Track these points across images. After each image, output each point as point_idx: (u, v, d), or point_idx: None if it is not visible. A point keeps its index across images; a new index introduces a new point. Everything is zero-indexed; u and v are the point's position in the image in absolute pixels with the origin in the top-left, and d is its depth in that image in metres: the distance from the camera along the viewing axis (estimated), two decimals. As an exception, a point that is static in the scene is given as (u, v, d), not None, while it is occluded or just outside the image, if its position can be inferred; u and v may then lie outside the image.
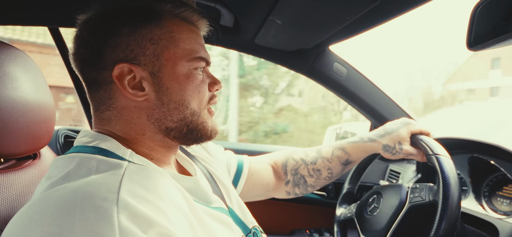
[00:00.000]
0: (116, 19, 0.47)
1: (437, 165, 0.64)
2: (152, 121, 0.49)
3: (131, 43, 0.46)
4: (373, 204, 0.80)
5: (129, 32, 0.46)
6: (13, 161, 0.62)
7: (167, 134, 0.50)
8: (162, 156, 0.52)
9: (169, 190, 0.43)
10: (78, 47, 0.48)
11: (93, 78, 0.48)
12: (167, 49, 0.47)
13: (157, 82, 0.47)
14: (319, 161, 0.82)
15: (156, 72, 0.47)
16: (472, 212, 0.82)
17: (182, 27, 0.50)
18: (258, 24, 0.82)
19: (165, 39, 0.47)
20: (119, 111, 0.48)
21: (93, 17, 0.48)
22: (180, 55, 0.48)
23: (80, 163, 0.42)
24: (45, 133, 0.64)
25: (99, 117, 0.50)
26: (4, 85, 0.53)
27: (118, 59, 0.46)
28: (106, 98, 0.48)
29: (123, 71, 0.46)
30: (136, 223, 0.34)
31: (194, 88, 0.50)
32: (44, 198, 0.37)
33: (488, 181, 0.87)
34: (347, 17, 0.72)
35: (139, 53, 0.46)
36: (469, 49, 0.53)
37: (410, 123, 0.75)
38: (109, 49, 0.46)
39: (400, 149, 0.74)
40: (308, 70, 1.05)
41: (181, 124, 0.50)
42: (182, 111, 0.49)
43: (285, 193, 0.85)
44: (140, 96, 0.47)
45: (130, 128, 0.49)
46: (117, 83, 0.46)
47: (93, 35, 0.46)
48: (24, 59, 0.61)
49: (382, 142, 0.76)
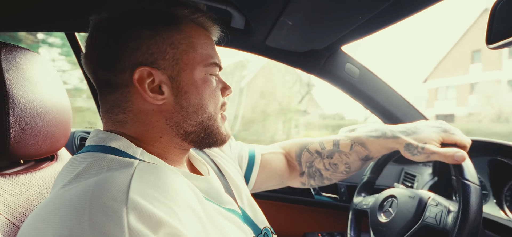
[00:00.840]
0: (136, 22, 0.47)
1: (461, 192, 0.57)
2: (170, 125, 0.49)
3: (151, 46, 0.46)
4: (387, 207, 0.79)
5: (149, 35, 0.46)
6: (32, 162, 0.65)
7: (185, 137, 0.51)
8: (175, 156, 0.53)
9: (180, 189, 0.43)
10: (93, 48, 0.48)
11: (108, 81, 0.48)
12: (186, 54, 0.48)
13: (176, 86, 0.48)
14: (336, 155, 0.77)
15: (175, 76, 0.48)
16: (493, 218, 0.79)
17: (199, 32, 0.51)
18: (269, 26, 0.82)
19: (184, 44, 0.48)
20: (135, 115, 0.48)
21: (111, 19, 0.48)
22: (198, 60, 0.49)
23: (91, 162, 0.42)
24: (62, 134, 0.66)
25: (112, 120, 0.50)
26: (24, 88, 0.55)
27: (138, 63, 0.46)
28: (122, 101, 0.48)
29: (142, 74, 0.46)
30: (146, 223, 0.34)
31: (211, 93, 0.51)
32: (55, 198, 0.38)
33: (510, 185, 0.83)
34: (360, 17, 0.71)
35: (159, 57, 0.47)
36: (488, 46, 0.51)
37: (448, 130, 0.66)
38: (129, 52, 0.46)
39: (422, 148, 0.65)
40: (319, 71, 1.04)
41: (199, 127, 0.51)
42: (200, 115, 0.50)
43: (300, 183, 0.83)
44: (159, 100, 0.47)
45: (147, 131, 0.49)
46: (137, 87, 0.46)
47: (112, 37, 0.47)
48: (43, 63, 0.63)
49: (406, 140, 0.67)
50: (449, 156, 0.61)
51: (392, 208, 0.77)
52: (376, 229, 0.78)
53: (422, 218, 0.66)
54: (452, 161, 0.61)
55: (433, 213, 0.65)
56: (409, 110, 1.09)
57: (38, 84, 0.59)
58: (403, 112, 1.09)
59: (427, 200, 0.69)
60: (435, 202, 0.67)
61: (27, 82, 0.56)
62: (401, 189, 0.79)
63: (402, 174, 1.16)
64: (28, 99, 0.55)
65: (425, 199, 0.69)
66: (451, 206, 0.66)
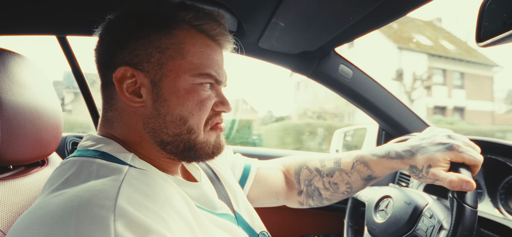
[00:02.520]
0: (127, 22, 0.48)
1: (455, 213, 0.53)
2: (147, 130, 0.48)
3: (138, 47, 0.46)
4: (383, 207, 0.79)
5: (138, 36, 0.46)
6: (22, 168, 0.63)
7: (163, 147, 0.49)
8: (164, 164, 0.51)
9: (170, 196, 0.42)
10: (96, 47, 0.50)
11: (103, 78, 0.49)
12: (172, 59, 0.46)
13: (156, 91, 0.46)
14: (337, 173, 0.72)
15: (157, 81, 0.46)
16: (488, 216, 0.79)
17: (195, 39, 0.48)
18: (262, 27, 0.82)
19: (172, 49, 0.46)
20: (119, 113, 0.49)
21: (113, 20, 0.49)
22: (184, 68, 0.46)
23: (81, 167, 0.42)
24: (53, 139, 0.65)
25: (104, 118, 0.51)
26: (12, 92, 0.54)
27: (124, 62, 0.46)
28: (109, 98, 0.49)
29: (125, 74, 0.46)
30: (133, 231, 0.34)
31: (194, 105, 0.47)
32: (42, 204, 0.37)
33: (504, 183, 0.83)
34: (351, 17, 0.71)
35: (144, 59, 0.46)
36: (478, 45, 0.51)
37: (455, 148, 0.58)
38: (118, 50, 0.47)
39: (426, 172, 0.60)
40: (313, 73, 1.04)
41: (176, 139, 0.48)
42: (178, 127, 0.47)
43: (297, 203, 0.78)
44: (136, 102, 0.46)
45: (129, 132, 0.49)
46: (115, 85, 0.46)
47: (108, 36, 0.48)
48: (33, 67, 0.62)
49: (410, 162, 0.63)
50: (456, 186, 0.54)
51: (387, 209, 0.77)
52: (370, 227, 0.79)
53: (414, 228, 0.65)
54: (459, 190, 0.54)
55: (425, 226, 0.64)
56: (403, 110, 1.10)
57: (28, 88, 0.58)
58: (396, 112, 1.09)
59: (423, 209, 0.68)
60: (430, 213, 0.66)
61: (16, 86, 0.56)
62: (399, 190, 0.79)
63: (398, 173, 1.16)
64: (17, 103, 0.55)
65: (420, 207, 0.69)
66: (444, 221, 0.64)
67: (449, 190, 0.56)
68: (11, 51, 0.58)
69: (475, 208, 0.54)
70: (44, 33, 0.82)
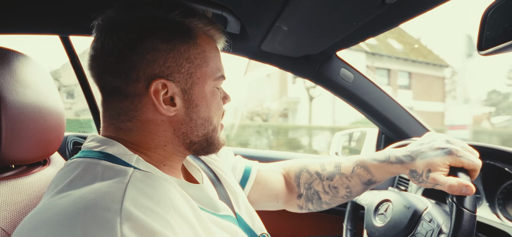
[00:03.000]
0: (153, 33, 0.46)
1: (455, 218, 0.54)
2: (178, 135, 0.50)
3: (169, 60, 0.46)
4: (382, 211, 0.79)
5: (167, 48, 0.46)
6: (24, 167, 0.63)
7: (189, 147, 0.52)
8: (174, 163, 0.53)
9: (174, 199, 0.43)
10: (105, 54, 0.46)
11: (118, 88, 0.47)
12: (200, 68, 0.49)
13: (187, 98, 0.49)
14: (337, 177, 0.73)
15: (188, 89, 0.49)
16: (486, 221, 0.80)
17: (210, 45, 0.52)
18: (265, 31, 0.82)
19: (199, 59, 0.49)
20: (143, 124, 0.48)
21: (126, 25, 0.46)
22: (209, 74, 0.50)
23: (86, 168, 0.42)
24: (55, 139, 0.65)
25: (115, 126, 0.49)
26: (16, 91, 0.54)
27: (154, 75, 0.46)
28: (131, 110, 0.47)
29: (158, 86, 0.46)
30: (139, 233, 0.34)
31: (217, 105, 0.52)
32: (48, 206, 0.37)
33: (502, 188, 0.84)
34: (354, 22, 0.71)
35: (175, 70, 0.47)
36: (479, 53, 0.52)
37: (454, 152, 0.59)
38: (145, 63, 0.45)
39: (426, 177, 0.61)
40: (314, 76, 1.04)
41: (203, 138, 0.52)
42: (206, 127, 0.51)
43: (297, 206, 0.78)
44: (172, 112, 0.48)
45: (152, 139, 0.49)
46: (152, 98, 0.46)
47: (128, 46, 0.45)
48: (36, 66, 0.62)
49: (410, 167, 0.64)
50: (455, 190, 0.55)
51: (387, 213, 0.77)
52: (370, 231, 0.79)
53: (413, 232, 0.66)
54: (458, 194, 0.55)
55: (425, 230, 0.65)
56: (403, 115, 1.10)
57: (31, 87, 0.58)
58: (397, 117, 1.10)
59: (422, 213, 0.68)
60: (429, 217, 0.67)
61: (20, 86, 0.56)
62: (398, 194, 0.79)
63: (397, 177, 1.17)
64: (20, 102, 0.55)
65: (420, 211, 0.69)
66: (443, 225, 0.65)
67: (448, 194, 0.57)
68: (15, 51, 0.58)
69: (474, 213, 0.54)
70: (47, 32, 0.82)
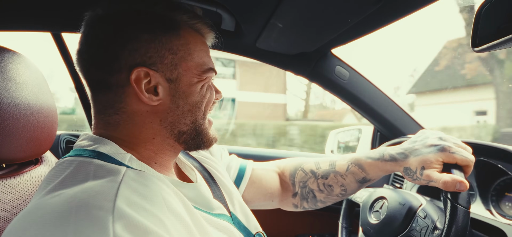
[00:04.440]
0: (135, 24, 0.46)
1: (449, 214, 0.54)
2: (165, 125, 0.50)
3: (150, 50, 0.46)
4: (377, 208, 0.79)
5: (149, 39, 0.46)
6: (15, 166, 0.62)
7: (178, 138, 0.51)
8: (165, 161, 0.52)
9: (167, 198, 0.43)
10: (88, 46, 0.47)
11: (102, 80, 0.47)
12: (184, 60, 0.49)
13: (174, 88, 0.48)
14: (331, 175, 0.73)
15: (173, 79, 0.48)
16: (480, 217, 0.80)
17: (196, 39, 0.51)
18: (260, 28, 0.82)
19: (183, 51, 0.49)
20: (129, 116, 0.48)
21: (109, 17, 0.47)
22: (194, 67, 0.50)
23: (78, 167, 0.41)
24: (47, 137, 0.64)
25: (104, 121, 0.49)
26: (7, 89, 0.53)
27: (136, 64, 0.46)
28: (116, 101, 0.47)
29: (140, 75, 0.46)
30: (132, 233, 0.34)
31: (204, 95, 0.52)
32: (39, 206, 0.36)
33: (496, 185, 0.85)
34: (349, 19, 0.71)
35: (157, 60, 0.47)
36: (474, 50, 0.52)
37: (447, 149, 0.60)
38: (127, 53, 0.45)
39: (420, 174, 0.61)
40: (310, 74, 1.04)
41: (192, 126, 0.51)
42: (194, 113, 0.51)
43: (292, 205, 0.79)
44: (155, 101, 0.47)
45: (140, 132, 0.49)
46: (133, 87, 0.46)
47: (109, 36, 0.46)
48: (27, 64, 0.61)
49: (404, 164, 0.64)
50: (450, 187, 0.55)
51: (382, 210, 0.78)
52: (365, 228, 0.79)
53: (408, 229, 0.66)
54: (453, 190, 0.56)
55: (419, 226, 0.65)
56: (399, 113, 1.11)
57: (22, 85, 0.57)
58: (391, 115, 1.10)
59: (417, 210, 0.69)
60: (424, 213, 0.67)
61: (10, 83, 0.55)
62: (393, 191, 0.80)
63: (392, 174, 1.18)
64: (11, 100, 0.54)
65: (415, 208, 0.69)
66: (438, 221, 0.66)
67: (443, 191, 0.57)
68: (6, 48, 0.57)
69: (468, 209, 0.55)
70: (39, 30, 0.81)
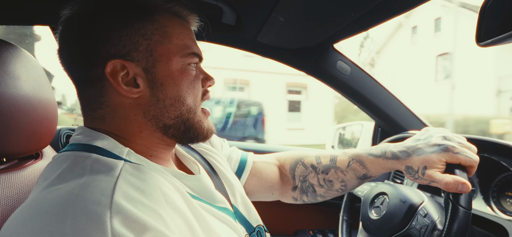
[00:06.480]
0: (105, 13, 0.45)
1: (450, 215, 0.54)
2: (149, 118, 0.48)
3: (123, 38, 0.45)
4: (378, 203, 0.79)
5: (120, 27, 0.45)
6: (16, 161, 0.62)
7: (165, 131, 0.49)
8: (160, 153, 0.51)
9: (166, 191, 0.42)
10: (63, 43, 0.46)
11: (83, 76, 0.46)
12: (160, 44, 0.47)
13: (151, 78, 0.46)
14: (332, 171, 0.72)
15: (149, 68, 0.46)
16: (481, 213, 0.80)
17: (173, 22, 0.49)
18: (261, 22, 0.81)
19: (158, 35, 0.46)
20: (113, 109, 0.47)
21: (80, 12, 0.46)
22: (173, 51, 0.48)
23: (75, 161, 0.41)
24: (47, 132, 0.63)
25: (91, 117, 0.48)
26: (6, 83, 0.53)
27: (110, 56, 0.44)
28: (98, 96, 0.46)
29: (115, 67, 0.44)
30: (130, 227, 0.33)
31: (189, 84, 0.49)
32: (37, 200, 0.36)
33: (497, 181, 0.85)
34: (352, 14, 0.70)
35: (132, 49, 0.45)
36: (478, 44, 0.51)
37: (451, 149, 0.58)
38: (100, 45, 0.44)
39: (422, 174, 0.60)
40: (311, 69, 1.04)
41: (178, 121, 0.49)
42: (178, 108, 0.49)
43: (292, 198, 0.78)
44: (134, 93, 0.46)
45: (127, 125, 0.48)
46: (110, 80, 0.44)
47: (82, 30, 0.45)
48: (27, 58, 0.60)
49: (406, 163, 0.63)
50: (452, 188, 0.55)
51: (382, 205, 0.78)
52: (365, 223, 0.80)
53: (408, 227, 0.66)
54: (455, 192, 0.55)
55: (419, 225, 0.65)
56: (400, 109, 1.10)
57: (22, 79, 0.57)
58: (393, 110, 1.10)
59: (418, 208, 0.69)
60: (425, 212, 0.67)
61: (10, 78, 0.54)
62: (394, 187, 0.80)
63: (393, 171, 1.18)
64: (10, 95, 0.53)
65: (415, 205, 0.69)
66: (438, 221, 0.65)
67: (444, 191, 0.56)
68: (5, 42, 0.57)
69: (469, 210, 0.54)
70: (38, 23, 0.80)
